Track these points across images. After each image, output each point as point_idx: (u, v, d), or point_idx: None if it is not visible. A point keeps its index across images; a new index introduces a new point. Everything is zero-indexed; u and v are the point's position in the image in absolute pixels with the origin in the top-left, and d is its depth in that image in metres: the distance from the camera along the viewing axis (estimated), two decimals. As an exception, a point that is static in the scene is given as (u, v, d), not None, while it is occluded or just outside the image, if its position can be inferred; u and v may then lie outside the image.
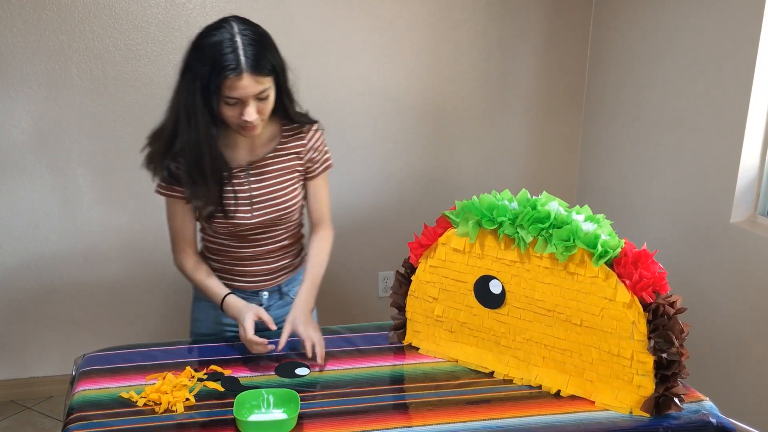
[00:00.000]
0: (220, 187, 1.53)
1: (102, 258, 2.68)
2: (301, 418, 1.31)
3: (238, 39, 1.38)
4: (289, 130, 1.61)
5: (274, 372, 1.50)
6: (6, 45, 2.40)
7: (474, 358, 1.53)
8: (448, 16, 2.75)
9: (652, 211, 2.61)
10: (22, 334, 2.71)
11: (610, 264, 1.34)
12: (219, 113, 1.43)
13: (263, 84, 1.41)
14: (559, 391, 1.42)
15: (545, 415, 1.35)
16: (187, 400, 1.37)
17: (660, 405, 1.33)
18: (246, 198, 1.57)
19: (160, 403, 1.35)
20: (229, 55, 1.37)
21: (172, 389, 1.39)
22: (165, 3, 2.49)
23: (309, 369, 1.51)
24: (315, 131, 1.63)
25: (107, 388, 1.42)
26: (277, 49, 1.46)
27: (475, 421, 1.32)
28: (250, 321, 1.49)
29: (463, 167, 2.97)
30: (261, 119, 1.45)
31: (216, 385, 1.43)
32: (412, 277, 1.60)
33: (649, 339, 1.31)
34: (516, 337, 1.48)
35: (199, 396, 1.40)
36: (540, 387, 1.44)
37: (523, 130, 2.99)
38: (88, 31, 2.45)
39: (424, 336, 1.60)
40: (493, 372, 1.50)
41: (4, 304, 2.66)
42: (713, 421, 1.33)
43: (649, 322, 1.31)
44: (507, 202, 1.45)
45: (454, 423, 1.31)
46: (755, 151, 2.19)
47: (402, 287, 1.62)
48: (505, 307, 1.48)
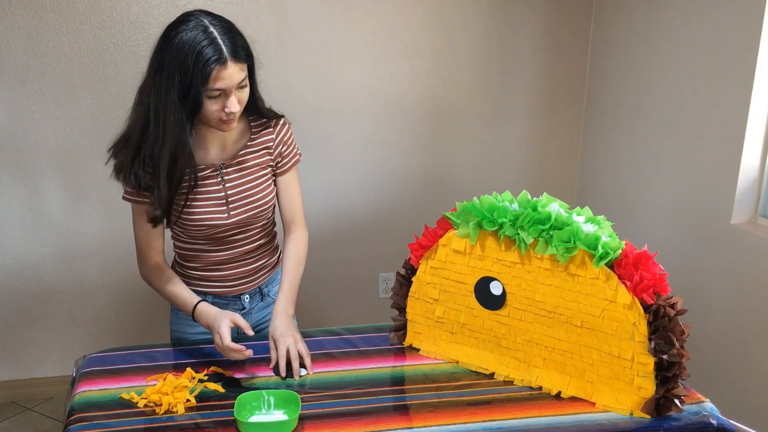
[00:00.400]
0: (173, 192, 1.47)
1: (103, 258, 2.69)
2: (301, 419, 1.31)
3: (213, 29, 1.37)
4: (258, 125, 1.58)
5: (272, 372, 1.49)
6: (7, 46, 2.40)
7: (475, 360, 1.53)
8: (449, 16, 2.75)
9: (652, 213, 2.61)
10: (22, 335, 2.71)
11: (611, 265, 1.34)
12: (200, 109, 1.39)
13: (244, 71, 1.41)
14: (559, 392, 1.42)
15: (546, 416, 1.35)
16: (187, 401, 1.37)
17: (660, 406, 1.33)
18: (221, 198, 1.53)
19: (161, 404, 1.35)
20: (210, 47, 1.35)
21: (173, 390, 1.39)
22: (166, 4, 2.49)
23: (307, 370, 1.51)
24: (283, 124, 1.61)
25: (108, 389, 1.42)
26: (242, 35, 1.45)
27: (475, 422, 1.32)
28: (226, 327, 1.43)
29: (464, 168, 2.97)
30: (239, 111, 1.43)
31: (217, 386, 1.43)
32: (412, 279, 1.60)
33: (649, 340, 1.31)
34: (517, 339, 1.48)
35: (200, 397, 1.40)
36: (540, 388, 1.44)
37: (524, 131, 2.99)
38: (89, 32, 2.46)
39: (424, 337, 1.60)
40: (493, 373, 1.50)
41: (4, 305, 2.66)
42: (714, 422, 1.33)
43: (649, 324, 1.31)
44: (507, 204, 1.45)
45: (455, 424, 1.31)
46: (756, 152, 2.19)
47: (402, 288, 1.62)
48: (505, 309, 1.48)
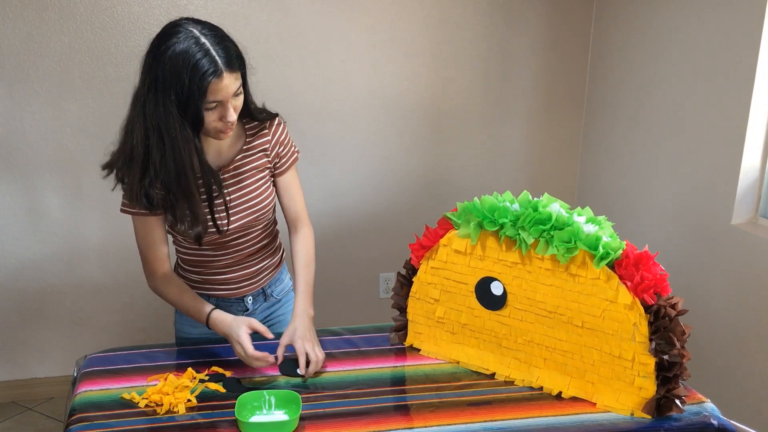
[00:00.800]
0: (209, 202, 1.45)
1: (103, 258, 2.69)
2: (302, 419, 1.31)
3: (204, 40, 1.33)
4: (253, 128, 1.55)
5: (278, 369, 1.49)
6: (8, 46, 2.40)
7: (475, 360, 1.53)
8: (449, 16, 2.76)
9: (653, 213, 2.61)
10: (23, 335, 2.72)
11: (612, 266, 1.34)
12: (202, 123, 1.36)
13: (239, 79, 1.38)
14: (560, 392, 1.42)
15: (546, 416, 1.35)
16: (188, 401, 1.37)
17: (661, 407, 1.33)
18: (220, 204, 1.51)
19: (162, 405, 1.35)
20: (204, 59, 1.31)
21: (174, 390, 1.39)
22: (166, 4, 2.49)
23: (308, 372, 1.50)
24: (278, 125, 1.58)
25: (109, 389, 1.42)
26: (233, 40, 1.40)
27: (476, 422, 1.32)
28: (245, 336, 1.42)
29: (464, 168, 2.97)
30: (236, 118, 1.41)
31: (217, 387, 1.43)
32: (413, 279, 1.60)
33: (650, 341, 1.31)
34: (517, 339, 1.48)
35: (201, 397, 1.40)
36: (541, 388, 1.44)
37: (524, 132, 2.99)
38: (90, 33, 2.46)
39: (425, 337, 1.60)
40: (494, 373, 1.50)
41: (4, 305, 2.66)
42: (714, 422, 1.33)
43: (650, 324, 1.31)
44: (508, 204, 1.45)
45: (456, 424, 1.31)
46: (756, 152, 2.19)
47: (403, 288, 1.62)
48: (506, 309, 1.48)
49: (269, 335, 1.46)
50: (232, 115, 1.38)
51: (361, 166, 2.85)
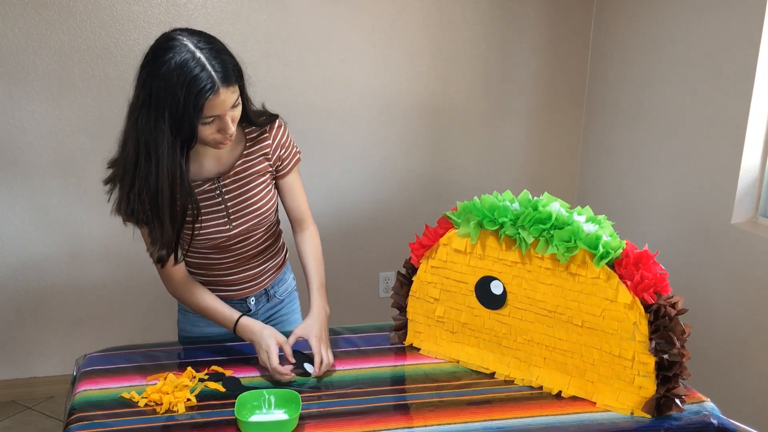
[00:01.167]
0: (179, 229, 1.43)
1: (103, 257, 2.69)
2: (302, 418, 1.31)
3: (200, 54, 1.29)
4: (252, 132, 1.52)
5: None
6: (7, 45, 2.40)
7: (475, 359, 1.53)
8: (449, 16, 2.75)
9: (653, 212, 2.61)
10: (22, 334, 2.71)
11: (612, 265, 1.34)
12: (195, 140, 1.35)
13: (236, 92, 1.35)
14: (560, 392, 1.42)
15: (546, 416, 1.35)
16: (188, 400, 1.37)
17: (661, 406, 1.33)
18: (221, 211, 1.51)
19: (162, 404, 1.35)
20: (201, 75, 1.27)
21: (174, 390, 1.39)
22: (166, 3, 2.49)
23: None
24: (278, 127, 1.55)
25: (108, 389, 1.42)
26: (228, 49, 1.37)
27: (476, 421, 1.32)
28: (274, 348, 1.44)
29: (464, 168, 2.97)
30: (235, 128, 1.38)
31: (217, 386, 1.43)
32: (413, 278, 1.60)
33: (650, 340, 1.31)
34: (517, 338, 1.48)
35: (201, 396, 1.40)
36: (541, 388, 1.44)
37: (524, 131, 2.99)
38: (90, 31, 2.46)
39: (425, 337, 1.60)
40: (494, 373, 1.50)
41: (4, 304, 2.66)
42: (714, 422, 1.33)
43: (650, 323, 1.31)
44: (508, 203, 1.45)
45: (455, 424, 1.31)
46: (756, 152, 2.19)
47: (403, 288, 1.62)
48: (506, 308, 1.48)
49: (291, 360, 1.47)
50: (231, 127, 1.36)
51: (361, 165, 2.85)
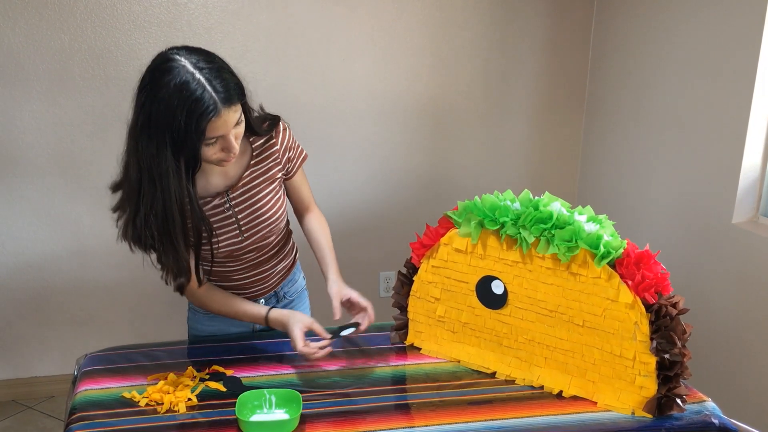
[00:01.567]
0: (197, 252, 1.41)
1: (103, 257, 2.69)
2: (303, 418, 1.31)
3: (200, 75, 1.26)
4: (258, 140, 1.51)
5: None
6: (8, 44, 2.40)
7: (476, 359, 1.53)
8: (450, 16, 2.75)
9: (653, 212, 2.61)
10: (23, 334, 2.72)
11: (613, 265, 1.34)
12: (199, 164, 1.33)
13: (238, 111, 1.32)
14: (561, 391, 1.42)
15: (547, 415, 1.35)
16: (189, 400, 1.37)
17: (662, 406, 1.33)
18: (233, 224, 1.50)
19: (162, 403, 1.35)
20: (202, 96, 1.24)
21: (174, 389, 1.39)
22: (167, 3, 2.49)
23: (354, 328, 1.53)
24: (284, 131, 1.54)
25: (109, 388, 1.42)
26: (229, 66, 1.34)
27: (477, 421, 1.32)
28: (299, 332, 1.45)
29: (465, 167, 2.97)
30: (239, 145, 1.37)
31: (218, 385, 1.43)
32: (414, 278, 1.60)
33: (651, 340, 1.31)
34: (518, 338, 1.48)
35: (201, 396, 1.40)
36: (542, 387, 1.44)
37: (525, 131, 2.99)
38: (90, 31, 2.45)
39: (426, 336, 1.60)
40: (495, 372, 1.50)
41: (5, 304, 2.66)
42: (715, 421, 1.33)
43: (651, 323, 1.31)
44: (509, 203, 1.45)
45: (456, 423, 1.31)
46: (757, 151, 2.19)
47: (404, 287, 1.62)
48: (507, 308, 1.48)
49: (326, 335, 1.48)
50: (235, 146, 1.34)
51: (362, 165, 2.85)
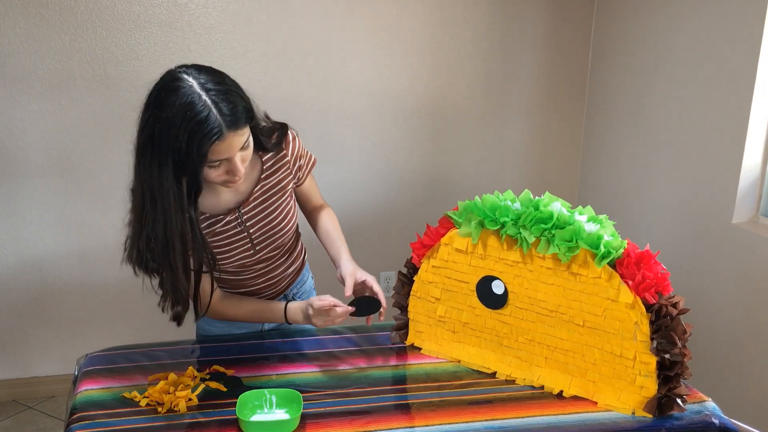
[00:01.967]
0: (197, 280, 1.39)
1: (104, 257, 2.69)
2: (303, 418, 1.31)
3: (207, 98, 1.21)
4: (267, 152, 1.49)
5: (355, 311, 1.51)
6: (8, 44, 2.40)
7: (476, 359, 1.53)
8: (450, 16, 2.75)
9: (654, 212, 2.61)
10: (23, 334, 2.72)
11: (613, 265, 1.34)
12: (201, 190, 1.31)
13: (244, 134, 1.28)
14: (561, 391, 1.42)
15: (548, 415, 1.35)
16: (189, 400, 1.37)
17: (662, 406, 1.33)
18: (245, 239, 1.50)
19: (163, 403, 1.35)
20: (207, 119, 1.20)
21: (175, 389, 1.39)
22: (167, 3, 2.49)
23: (376, 311, 1.53)
24: (293, 140, 1.52)
25: (110, 388, 1.42)
26: (239, 88, 1.30)
27: (477, 421, 1.32)
28: (321, 304, 1.45)
29: (465, 167, 2.97)
30: (245, 167, 1.34)
31: (218, 385, 1.43)
32: (414, 278, 1.60)
33: (651, 340, 1.31)
34: (518, 338, 1.48)
35: (202, 396, 1.40)
36: (542, 387, 1.44)
37: (525, 131, 2.99)
38: (91, 31, 2.46)
39: (426, 336, 1.60)
40: (495, 372, 1.50)
41: (5, 304, 2.66)
42: (716, 421, 1.33)
43: (651, 323, 1.31)
44: (509, 203, 1.45)
45: (457, 423, 1.31)
46: (757, 151, 2.19)
47: (404, 287, 1.62)
48: (507, 308, 1.48)
49: (333, 301, 1.47)
50: (240, 170, 1.30)
51: (362, 164, 2.85)
